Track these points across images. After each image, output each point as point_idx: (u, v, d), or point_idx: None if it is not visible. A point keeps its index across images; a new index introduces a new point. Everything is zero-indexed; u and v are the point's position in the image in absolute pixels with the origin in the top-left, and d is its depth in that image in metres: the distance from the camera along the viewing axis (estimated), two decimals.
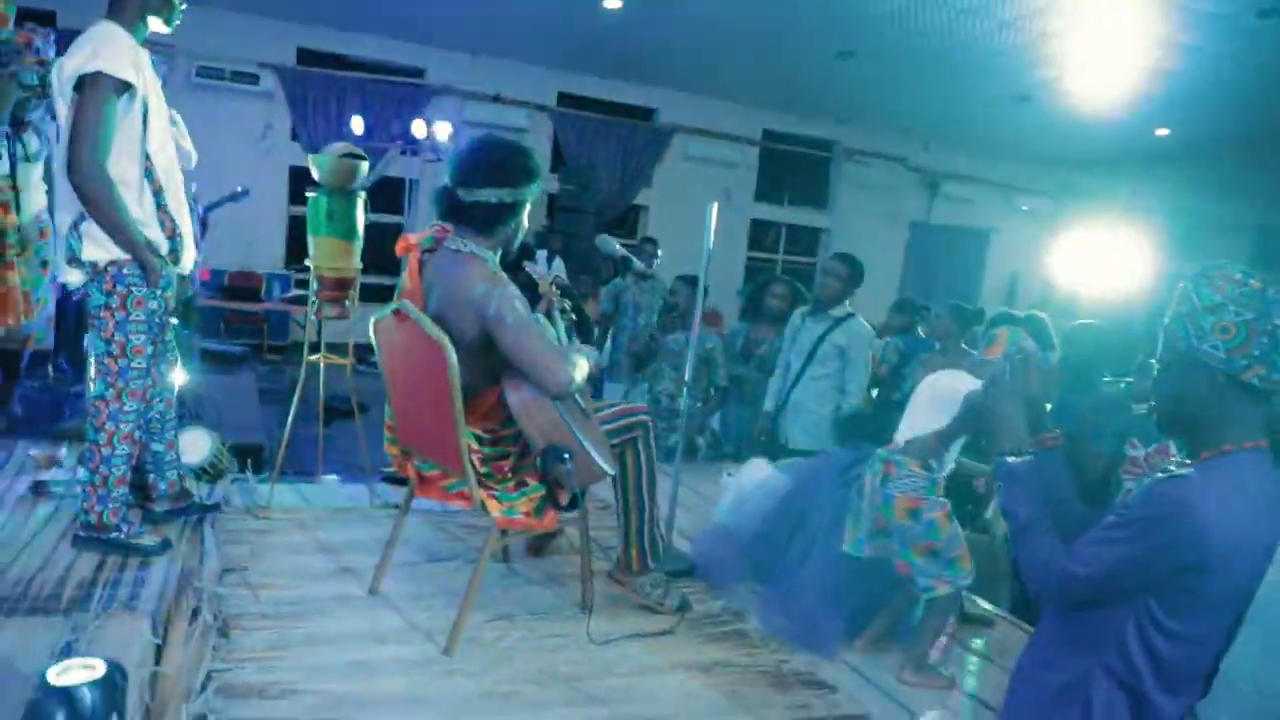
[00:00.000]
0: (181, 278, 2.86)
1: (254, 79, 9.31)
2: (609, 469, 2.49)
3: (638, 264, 2.70)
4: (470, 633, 2.54)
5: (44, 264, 3.82)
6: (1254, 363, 1.49)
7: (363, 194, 3.37)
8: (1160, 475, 1.58)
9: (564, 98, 10.81)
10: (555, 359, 2.33)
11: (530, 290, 2.65)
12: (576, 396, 2.50)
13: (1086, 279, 8.31)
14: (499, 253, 2.52)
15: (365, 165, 3.34)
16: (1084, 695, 1.60)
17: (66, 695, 1.63)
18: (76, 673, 1.68)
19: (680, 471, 3.38)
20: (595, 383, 5.65)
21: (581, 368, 2.42)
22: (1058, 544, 1.64)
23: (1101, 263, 8.27)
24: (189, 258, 2.81)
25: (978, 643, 2.96)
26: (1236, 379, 1.51)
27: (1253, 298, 1.49)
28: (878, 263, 10.56)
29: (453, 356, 2.29)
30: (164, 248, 2.67)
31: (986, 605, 3.17)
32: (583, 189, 9.53)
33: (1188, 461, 1.61)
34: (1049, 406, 1.98)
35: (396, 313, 2.44)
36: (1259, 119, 10.52)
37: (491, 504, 2.43)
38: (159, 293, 2.67)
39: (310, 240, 3.35)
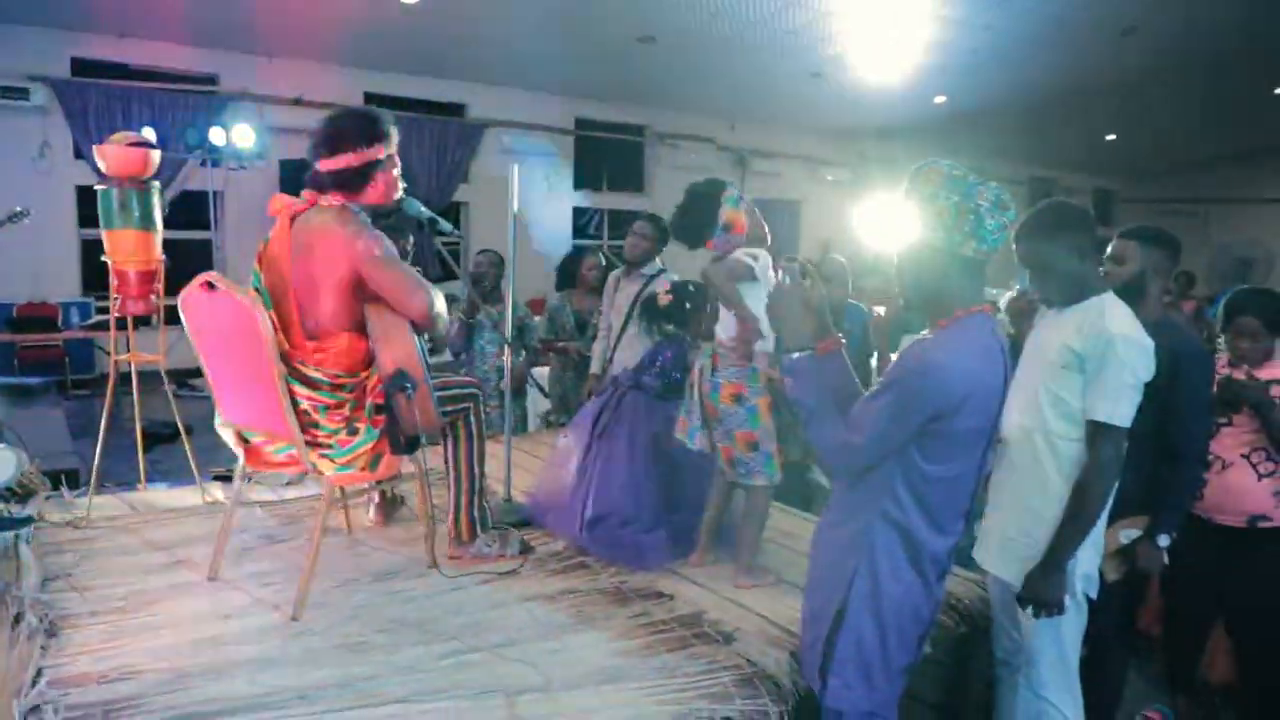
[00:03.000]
0: None
1: (23, 93, 8.64)
2: (440, 419, 2.58)
3: (444, 224, 2.77)
4: (317, 598, 2.56)
5: None
6: (966, 238, 1.76)
7: (156, 184, 3.27)
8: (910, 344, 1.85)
9: (370, 97, 10.58)
10: (418, 285, 2.48)
11: None
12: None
13: (888, 238, 9.02)
14: (370, 212, 2.60)
15: (156, 154, 3.24)
16: (869, 540, 1.85)
17: None
18: None
19: (512, 435, 3.49)
20: None
21: (439, 298, 2.55)
22: (840, 422, 1.87)
23: (898, 222, 9.03)
24: None
25: (797, 544, 3.23)
26: (956, 254, 1.78)
27: (958, 184, 1.77)
28: None
29: (265, 318, 2.32)
30: None
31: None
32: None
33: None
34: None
35: (206, 285, 2.43)
36: (1021, 86, 11.68)
37: (324, 464, 2.46)
38: None
39: (105, 236, 3.21)
